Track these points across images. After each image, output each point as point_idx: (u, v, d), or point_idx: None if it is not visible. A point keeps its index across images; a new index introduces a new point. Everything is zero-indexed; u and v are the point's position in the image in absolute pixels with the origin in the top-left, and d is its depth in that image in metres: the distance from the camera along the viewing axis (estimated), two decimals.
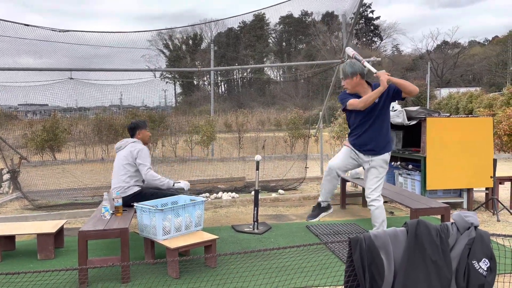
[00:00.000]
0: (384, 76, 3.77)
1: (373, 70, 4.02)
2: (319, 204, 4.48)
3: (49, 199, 6.70)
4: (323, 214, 4.47)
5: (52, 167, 10.22)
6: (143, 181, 4.61)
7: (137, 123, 4.73)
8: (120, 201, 4.05)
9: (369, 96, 3.86)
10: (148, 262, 3.80)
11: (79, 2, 73.61)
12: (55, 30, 6.71)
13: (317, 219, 4.49)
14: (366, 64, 4.10)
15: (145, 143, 4.72)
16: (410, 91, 3.83)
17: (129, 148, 4.52)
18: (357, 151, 4.18)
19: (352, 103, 3.98)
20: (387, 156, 4.10)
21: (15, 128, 9.62)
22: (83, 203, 6.54)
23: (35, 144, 11.88)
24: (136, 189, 4.47)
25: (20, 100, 8.67)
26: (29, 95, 7.74)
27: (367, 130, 4.05)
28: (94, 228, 3.53)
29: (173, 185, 4.55)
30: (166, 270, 3.61)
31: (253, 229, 4.89)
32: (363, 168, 4.30)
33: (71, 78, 6.68)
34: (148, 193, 4.41)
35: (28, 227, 4.36)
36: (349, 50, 4.36)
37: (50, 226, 4.26)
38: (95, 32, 7.06)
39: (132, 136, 4.71)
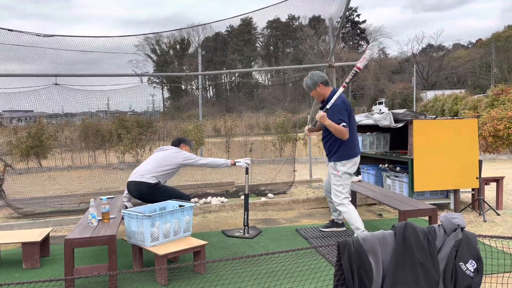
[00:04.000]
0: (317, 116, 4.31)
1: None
2: (333, 219, 4.99)
3: (35, 207, 6.59)
4: (334, 228, 4.95)
5: (38, 174, 10.06)
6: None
7: (184, 139, 5.07)
8: (107, 207, 3.99)
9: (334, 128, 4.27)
10: (136, 270, 3.75)
11: (64, 7, 73.11)
12: (40, 35, 6.62)
13: (327, 229, 4.95)
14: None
15: None
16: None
17: (174, 151, 4.77)
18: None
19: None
20: (333, 164, 4.42)
21: None
22: (69, 210, 6.44)
23: (20, 151, 11.68)
24: (155, 180, 4.59)
25: (4, 106, 8.52)
26: (13, 101, 7.61)
27: (323, 138, 4.56)
28: (81, 236, 3.47)
29: (235, 164, 4.85)
30: (154, 277, 3.57)
31: (244, 234, 4.87)
32: None
33: (56, 84, 6.59)
34: (162, 188, 4.62)
35: (13, 236, 4.27)
36: (368, 53, 4.59)
37: (35, 234, 4.19)
38: (80, 37, 7.00)
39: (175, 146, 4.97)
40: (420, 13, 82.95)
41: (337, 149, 4.37)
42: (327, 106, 4.25)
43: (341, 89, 4.26)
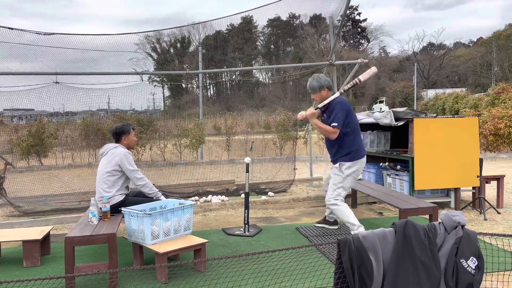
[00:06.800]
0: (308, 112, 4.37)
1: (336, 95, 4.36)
2: (325, 216, 4.99)
3: (35, 205, 6.59)
4: (325, 225, 4.96)
5: (39, 172, 10.07)
6: (127, 187, 4.48)
7: (122, 128, 4.49)
8: (108, 206, 4.00)
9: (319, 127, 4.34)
10: (136, 268, 3.75)
11: (66, 6, 73.13)
12: (40, 34, 6.62)
13: (320, 225, 4.99)
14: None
15: (130, 148, 4.57)
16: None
17: (110, 156, 4.34)
18: None
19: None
20: (338, 165, 4.36)
21: (0, 133, 9.48)
22: (70, 208, 6.44)
23: (21, 149, 11.70)
24: (120, 198, 4.31)
25: (5, 104, 8.53)
26: (14, 99, 7.61)
27: (327, 141, 4.53)
28: (81, 234, 3.48)
29: (159, 197, 4.45)
30: (155, 275, 3.57)
31: (244, 232, 4.88)
32: None
33: (56, 82, 6.59)
34: (132, 201, 4.26)
35: (13, 234, 4.28)
36: (374, 70, 4.49)
37: (36, 232, 4.19)
38: (80, 35, 6.99)
39: (117, 141, 4.51)
40: (420, 12, 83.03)
41: (342, 150, 4.31)
42: (319, 106, 4.33)
43: (337, 94, 4.32)
